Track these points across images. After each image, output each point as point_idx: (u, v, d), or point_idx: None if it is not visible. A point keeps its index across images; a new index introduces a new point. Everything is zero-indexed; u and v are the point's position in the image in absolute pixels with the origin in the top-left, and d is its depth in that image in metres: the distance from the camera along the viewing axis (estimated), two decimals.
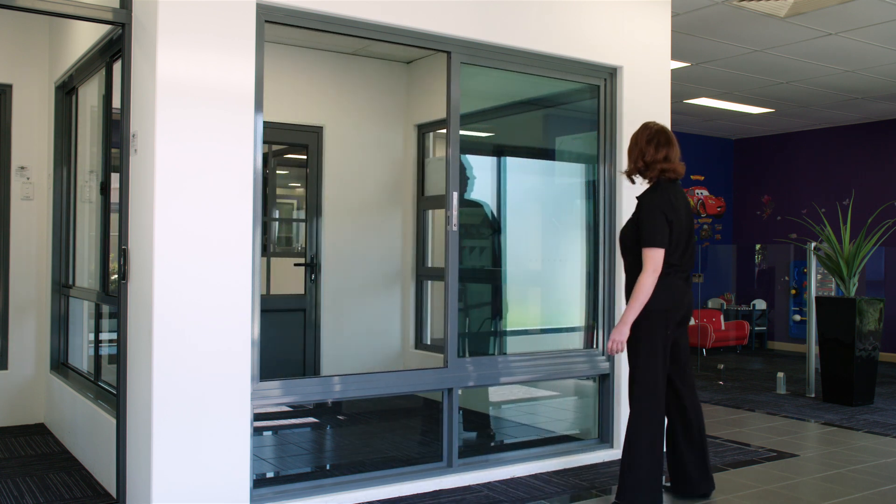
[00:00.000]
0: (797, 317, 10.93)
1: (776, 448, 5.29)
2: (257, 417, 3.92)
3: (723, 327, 10.37)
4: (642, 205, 3.94)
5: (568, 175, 5.87)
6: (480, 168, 6.22)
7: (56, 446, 5.11)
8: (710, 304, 11.24)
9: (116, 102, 4.20)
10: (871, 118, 10.26)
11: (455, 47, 4.38)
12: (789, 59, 7.31)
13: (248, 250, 3.65)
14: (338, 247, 6.61)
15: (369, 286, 6.80)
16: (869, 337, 6.91)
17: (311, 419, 6.25)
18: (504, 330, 6.17)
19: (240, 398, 3.63)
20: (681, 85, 8.28)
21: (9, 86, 5.73)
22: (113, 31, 4.27)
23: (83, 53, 4.92)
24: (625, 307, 3.92)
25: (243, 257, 3.64)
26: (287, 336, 6.45)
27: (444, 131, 4.48)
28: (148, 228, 3.50)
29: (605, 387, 4.99)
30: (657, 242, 3.81)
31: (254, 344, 3.70)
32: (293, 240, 7.29)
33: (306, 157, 6.61)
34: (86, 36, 4.85)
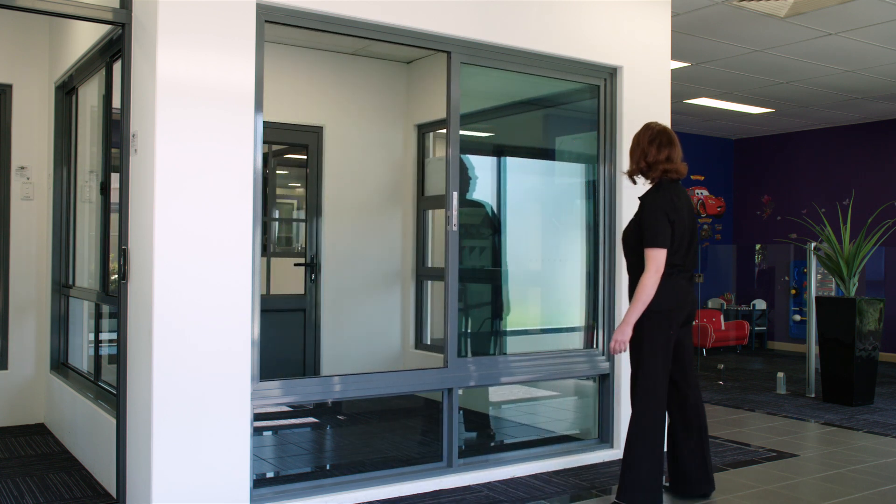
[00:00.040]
0: (797, 317, 10.94)
1: (776, 448, 5.29)
2: (257, 417, 3.93)
3: (723, 327, 10.37)
4: (644, 205, 3.94)
5: (568, 175, 5.87)
6: (480, 168, 6.22)
7: (56, 446, 5.11)
8: (710, 304, 11.24)
9: (116, 102, 4.20)
10: (871, 118, 10.26)
11: (455, 47, 4.38)
12: (789, 59, 7.31)
13: (248, 250, 3.66)
14: (338, 247, 6.61)
15: (369, 286, 6.80)
16: (869, 337, 6.91)
17: (311, 419, 6.25)
18: (504, 330, 6.16)
19: (240, 398, 3.63)
20: (681, 85, 8.28)
21: (9, 86, 5.73)
22: (113, 31, 4.27)
23: (83, 53, 4.92)
24: (627, 307, 3.93)
25: (243, 257, 3.64)
26: (287, 336, 6.45)
27: (444, 131, 4.48)
28: (148, 228, 3.51)
29: (606, 387, 4.99)
30: (659, 243, 3.81)
31: (254, 344, 3.70)
32: (293, 240, 7.29)
33: (306, 157, 6.61)
34: (86, 36, 4.85)
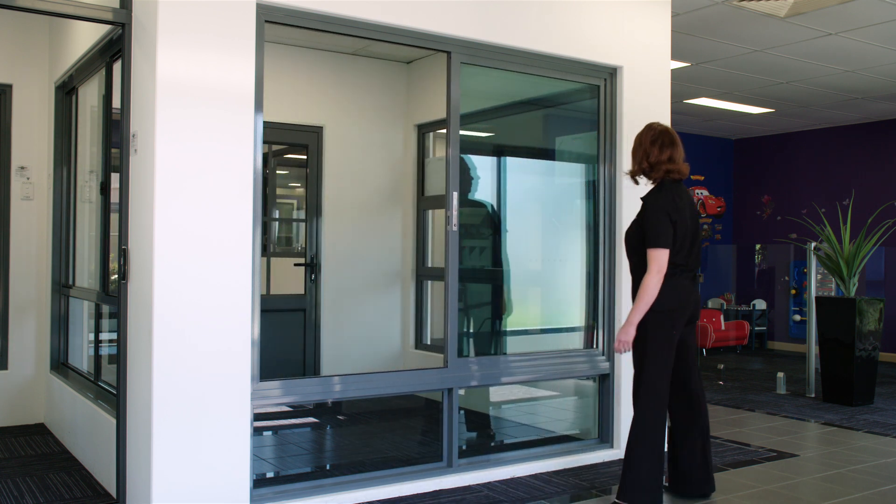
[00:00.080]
0: (797, 317, 10.94)
1: (776, 448, 5.29)
2: (257, 417, 3.93)
3: (723, 327, 10.37)
4: (646, 206, 3.94)
5: (568, 175, 5.87)
6: (480, 168, 6.22)
7: (56, 446, 5.11)
8: (711, 304, 11.24)
9: (116, 102, 4.20)
10: (871, 118, 10.25)
11: (455, 47, 4.38)
12: (789, 59, 7.31)
13: (248, 250, 3.66)
14: (338, 247, 6.61)
15: (369, 286, 6.80)
16: (869, 337, 6.91)
17: (311, 419, 6.25)
18: (504, 330, 6.16)
19: (240, 398, 3.63)
20: (681, 85, 8.28)
21: (9, 86, 5.73)
22: (113, 31, 4.27)
23: (83, 53, 4.92)
24: (630, 308, 3.93)
25: (243, 257, 3.64)
26: (287, 336, 6.45)
27: (444, 131, 4.48)
28: (148, 228, 3.51)
29: (606, 387, 4.99)
30: (661, 243, 3.81)
31: (254, 344, 3.70)
32: (293, 240, 7.29)
33: (306, 157, 6.61)
34: (86, 36, 4.85)
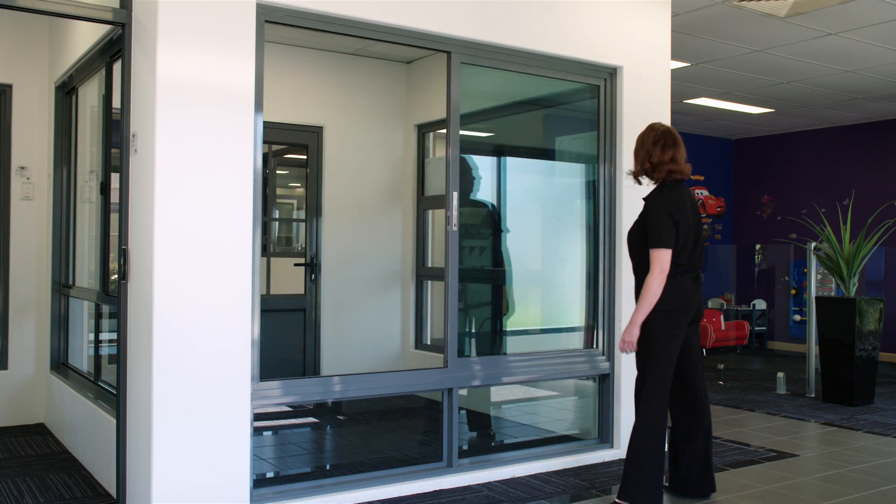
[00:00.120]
0: (797, 317, 10.93)
1: (776, 448, 5.29)
2: (257, 417, 3.93)
3: (723, 327, 10.37)
4: (648, 206, 3.95)
5: (568, 175, 5.87)
6: (480, 168, 6.22)
7: (56, 446, 5.11)
8: (711, 304, 11.24)
9: (116, 102, 4.20)
10: (871, 118, 10.25)
11: (455, 47, 4.38)
12: (789, 59, 7.31)
13: (248, 250, 3.66)
14: (338, 247, 6.61)
15: (369, 286, 6.80)
16: (869, 337, 6.91)
17: (311, 419, 6.25)
18: (504, 330, 6.16)
19: (240, 398, 3.63)
20: (681, 85, 8.28)
21: (9, 86, 5.73)
22: (113, 31, 4.27)
23: (83, 53, 4.92)
24: (634, 308, 3.94)
25: (243, 257, 3.64)
26: (287, 336, 6.45)
27: (444, 131, 4.48)
28: (148, 228, 3.51)
29: (606, 387, 4.99)
30: (664, 243, 3.82)
31: (254, 344, 3.70)
32: (293, 240, 7.29)
33: (306, 157, 6.61)
34: (86, 36, 4.85)
